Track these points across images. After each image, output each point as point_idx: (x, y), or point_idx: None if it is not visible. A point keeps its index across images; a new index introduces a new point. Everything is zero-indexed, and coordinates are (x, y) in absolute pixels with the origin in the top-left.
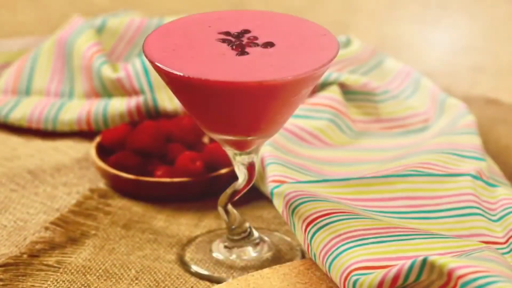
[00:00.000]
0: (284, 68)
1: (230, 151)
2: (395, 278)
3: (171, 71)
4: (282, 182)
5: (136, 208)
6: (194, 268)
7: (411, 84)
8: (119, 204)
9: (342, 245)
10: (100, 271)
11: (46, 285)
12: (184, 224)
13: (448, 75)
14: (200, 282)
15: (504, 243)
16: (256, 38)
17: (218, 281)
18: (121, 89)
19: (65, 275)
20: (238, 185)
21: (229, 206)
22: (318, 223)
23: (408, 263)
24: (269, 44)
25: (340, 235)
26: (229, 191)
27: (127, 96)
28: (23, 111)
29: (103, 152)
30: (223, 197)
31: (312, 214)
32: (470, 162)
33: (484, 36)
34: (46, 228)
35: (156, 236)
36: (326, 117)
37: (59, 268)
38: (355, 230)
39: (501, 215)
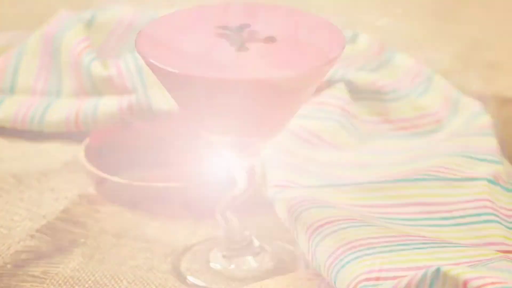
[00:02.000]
0: (287, 65)
1: (229, 154)
2: None
3: (166, 68)
4: (285, 187)
5: (128, 215)
6: (190, 279)
7: (422, 82)
8: (110, 210)
9: (349, 254)
10: (90, 282)
11: None
12: (179, 232)
13: (462, 72)
14: None
15: None
16: (256, 32)
17: None
18: (112, 87)
19: (52, 286)
20: (237, 190)
21: (228, 213)
22: (323, 230)
23: (419, 273)
24: (270, 39)
25: (346, 243)
26: (228, 196)
27: (118, 95)
28: (7, 111)
29: (93, 154)
30: (222, 203)
31: (316, 221)
32: (486, 166)
33: (500, 30)
34: (32, 236)
35: (150, 244)
36: (332, 117)
37: (46, 279)
38: (362, 239)
39: None
